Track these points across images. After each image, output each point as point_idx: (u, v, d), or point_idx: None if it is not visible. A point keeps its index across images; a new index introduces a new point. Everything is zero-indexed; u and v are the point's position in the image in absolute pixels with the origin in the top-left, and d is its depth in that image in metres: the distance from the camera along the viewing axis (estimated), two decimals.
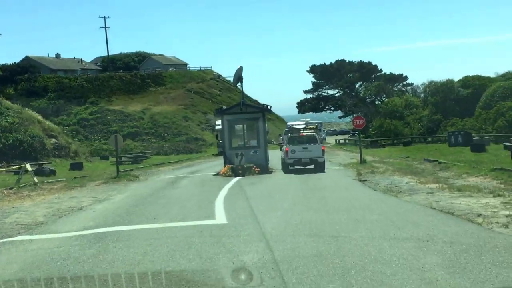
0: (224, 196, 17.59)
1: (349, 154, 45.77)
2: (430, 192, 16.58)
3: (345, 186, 19.94)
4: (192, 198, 17.83)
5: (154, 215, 13.81)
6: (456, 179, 20.39)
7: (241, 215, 12.96)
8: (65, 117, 78.83)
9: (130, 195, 20.52)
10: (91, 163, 48.29)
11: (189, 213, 13.89)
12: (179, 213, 14.00)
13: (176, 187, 22.54)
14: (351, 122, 36.40)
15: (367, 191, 18.00)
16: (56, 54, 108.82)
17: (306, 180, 23.38)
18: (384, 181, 20.99)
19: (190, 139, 74.66)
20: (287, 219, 12.14)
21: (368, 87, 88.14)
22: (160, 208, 15.33)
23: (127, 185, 25.56)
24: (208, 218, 12.85)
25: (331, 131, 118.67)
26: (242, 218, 12.53)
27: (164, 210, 14.90)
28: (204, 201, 16.53)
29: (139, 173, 34.63)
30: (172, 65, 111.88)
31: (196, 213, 13.93)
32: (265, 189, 20.06)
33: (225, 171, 27.80)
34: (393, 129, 63.35)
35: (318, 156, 28.05)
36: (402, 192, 17.01)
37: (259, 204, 15.14)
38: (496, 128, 52.49)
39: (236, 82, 31.94)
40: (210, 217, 12.99)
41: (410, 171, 24.88)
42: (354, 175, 24.43)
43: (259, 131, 29.78)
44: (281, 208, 14.04)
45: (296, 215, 12.66)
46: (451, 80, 69.74)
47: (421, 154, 37.56)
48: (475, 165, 24.31)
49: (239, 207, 14.54)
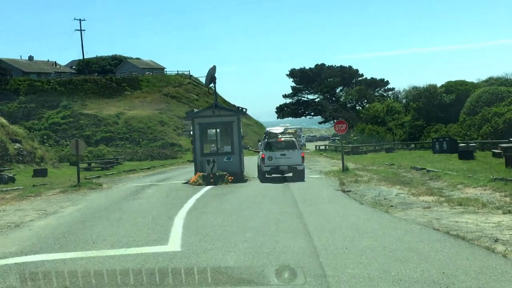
0: (187, 211, 15.14)
1: (329, 160, 43.87)
2: (426, 206, 14.26)
3: (328, 198, 17.54)
4: (151, 212, 15.32)
5: (96, 237, 11.31)
6: (452, 190, 18.16)
7: (200, 238, 10.53)
8: (36, 121, 76.18)
9: (83, 207, 17.99)
10: (58, 170, 45.48)
11: (138, 234, 11.38)
12: (127, 234, 11.49)
13: (138, 198, 20.01)
14: (333, 127, 34.07)
15: (353, 204, 15.61)
16: (29, 57, 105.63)
17: (283, 190, 21.02)
18: (371, 192, 18.70)
19: (166, 145, 72.11)
20: (257, 245, 9.70)
21: (349, 91, 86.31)
22: (108, 226, 12.83)
23: (87, 194, 23.05)
24: (159, 242, 10.38)
25: (311, 136, 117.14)
26: (201, 242, 10.11)
27: (111, 229, 12.38)
28: (163, 216, 14.04)
29: (105, 180, 32.26)
30: (149, 69, 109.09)
31: (148, 234, 11.43)
32: (237, 201, 17.58)
33: (196, 179, 25.35)
34: (375, 135, 61.50)
35: (297, 163, 25.73)
36: (393, 206, 14.67)
37: (226, 221, 12.71)
38: (482, 134, 50.65)
39: (208, 82, 29.40)
40: (162, 240, 10.51)
41: (398, 180, 22.63)
42: (337, 185, 22.14)
43: (234, 136, 27.37)
44: (251, 228, 11.59)
45: (269, 239, 10.23)
46: (434, 85, 68.22)
47: (405, 161, 35.69)
48: (469, 174, 22.17)
49: (201, 226, 12.07)
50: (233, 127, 27.28)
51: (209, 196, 19.57)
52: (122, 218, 14.19)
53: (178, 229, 11.68)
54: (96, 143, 71.45)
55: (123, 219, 13.97)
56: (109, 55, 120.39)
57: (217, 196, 19.46)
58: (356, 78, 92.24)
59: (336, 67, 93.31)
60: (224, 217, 13.50)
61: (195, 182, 25.11)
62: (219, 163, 26.41)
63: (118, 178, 34.93)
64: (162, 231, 11.54)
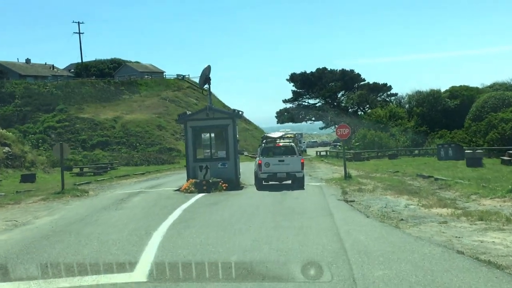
0: (171, 224, 13.32)
1: (331, 167, 42.18)
2: (442, 221, 12.47)
3: (329, 209, 15.72)
4: (128, 225, 13.49)
5: (55, 258, 9.49)
6: (466, 201, 16.40)
7: (174, 263, 8.68)
8: (31, 124, 74.73)
9: (58, 218, 16.22)
10: (49, 175, 43.80)
11: (104, 256, 9.54)
12: (91, 255, 9.67)
13: (121, 208, 18.21)
14: (335, 131, 32.25)
15: (358, 218, 13.81)
16: (26, 60, 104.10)
17: (281, 200, 19.24)
18: (376, 203, 16.96)
19: (164, 149, 70.47)
20: (243, 275, 7.84)
21: (350, 96, 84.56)
22: (73, 244, 11.03)
23: (68, 203, 21.33)
24: (124, 267, 8.53)
25: (312, 142, 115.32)
26: (174, 270, 8.27)
27: (76, 247, 10.56)
28: (140, 231, 12.21)
29: (94, 186, 30.59)
30: (148, 72, 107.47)
31: (115, 255, 9.57)
32: (228, 212, 15.74)
33: (187, 186, 23.59)
34: (378, 140, 59.76)
35: (297, 170, 23.96)
36: (404, 220, 12.89)
37: (210, 239, 10.91)
38: (488, 140, 48.89)
39: (203, 83, 27.55)
40: (128, 265, 8.63)
41: (405, 189, 20.86)
42: (339, 194, 20.37)
43: (229, 140, 25.60)
44: (239, 249, 9.77)
45: (258, 265, 8.31)
46: (438, 90, 66.68)
47: (410, 168, 34.05)
48: (482, 183, 20.42)
49: (180, 246, 10.24)
50: (228, 131, 25.51)
51: (199, 206, 17.80)
52: (93, 233, 12.38)
53: (152, 250, 9.86)
54: (92, 148, 69.92)
55: (94, 234, 12.15)
56: (108, 58, 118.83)
57: (208, 206, 17.69)
58: (358, 83, 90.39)
59: (338, 71, 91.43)
60: (210, 233, 11.70)
61: (186, 189, 23.36)
62: (213, 169, 24.66)
63: (109, 184, 33.22)
64: (133, 252, 9.72)
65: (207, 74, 26.99)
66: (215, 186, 23.42)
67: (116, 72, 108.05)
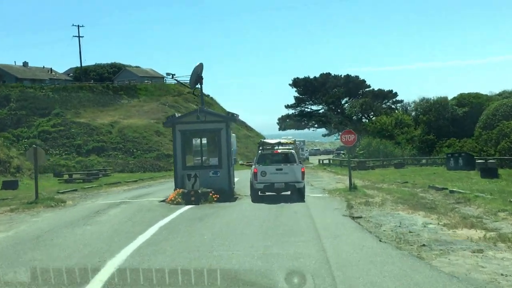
0: (136, 248, 10.73)
1: (334, 176, 39.78)
2: (476, 249, 9.86)
3: (333, 229, 13.08)
4: (84, 249, 10.86)
5: None
6: (495, 220, 13.82)
7: None
8: (25, 129, 72.37)
9: (11, 235, 13.68)
10: None
11: None
12: None
13: (90, 223, 15.65)
14: (339, 138, 29.69)
15: (368, 241, 11.19)
16: (23, 63, 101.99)
17: (276, 214, 16.69)
18: (388, 220, 14.42)
19: (161, 156, 67.91)
20: None
21: (353, 104, 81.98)
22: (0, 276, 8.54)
23: (38, 214, 18.93)
24: None
25: (315, 150, 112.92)
26: None
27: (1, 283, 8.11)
28: (92, 259, 9.59)
29: (78, 195, 28.37)
30: (148, 77, 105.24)
31: None
32: (211, 232, 13.09)
33: (173, 197, 21.05)
34: (383, 149, 57.31)
35: (296, 180, 21.39)
36: (426, 246, 10.32)
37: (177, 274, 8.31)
38: (499, 150, 46.34)
39: (194, 83, 24.95)
40: None
41: (418, 203, 18.30)
42: (344, 208, 17.84)
43: (222, 146, 23.05)
44: None
45: None
46: (445, 97, 64.16)
47: (419, 178, 31.65)
48: (508, 197, 17.87)
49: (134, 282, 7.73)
50: (221, 136, 22.97)
51: (180, 222, 15.23)
52: (35, 259, 9.82)
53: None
54: (87, 153, 67.54)
55: (34, 262, 9.56)
56: (108, 62, 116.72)
57: (191, 222, 15.14)
58: (363, 89, 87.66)
59: (342, 77, 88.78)
60: (180, 262, 9.12)
61: (172, 200, 20.83)
62: (203, 178, 22.10)
63: (96, 192, 30.93)
64: None
65: (199, 72, 24.41)
66: (204, 197, 20.91)
67: (116, 76, 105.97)
